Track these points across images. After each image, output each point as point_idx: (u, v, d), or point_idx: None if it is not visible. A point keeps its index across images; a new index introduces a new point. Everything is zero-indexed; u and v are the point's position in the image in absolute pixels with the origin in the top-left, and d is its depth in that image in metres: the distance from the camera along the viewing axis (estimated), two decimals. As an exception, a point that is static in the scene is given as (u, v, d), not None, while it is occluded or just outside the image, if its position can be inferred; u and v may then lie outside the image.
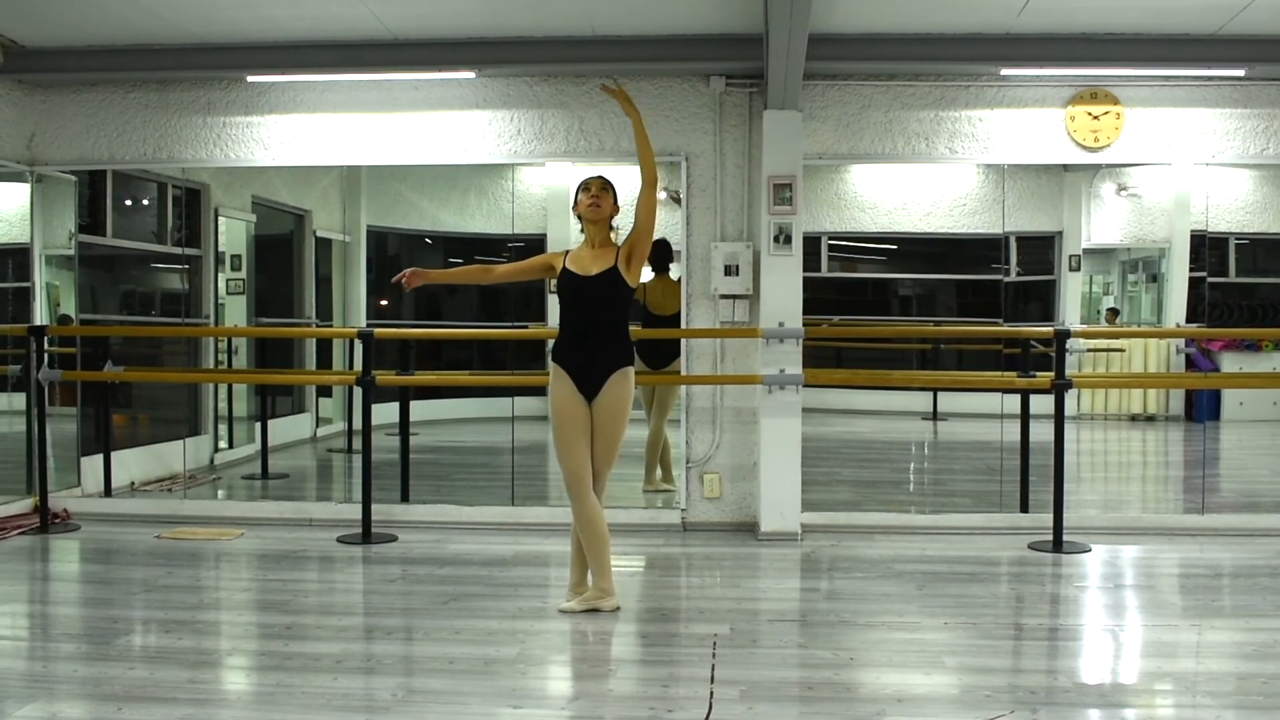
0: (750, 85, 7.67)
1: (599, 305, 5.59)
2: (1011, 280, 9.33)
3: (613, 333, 5.60)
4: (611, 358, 5.55)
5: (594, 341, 5.57)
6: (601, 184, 5.72)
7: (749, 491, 7.70)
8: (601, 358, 5.55)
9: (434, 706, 4.33)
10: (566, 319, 5.66)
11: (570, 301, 5.64)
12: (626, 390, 5.57)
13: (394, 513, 7.69)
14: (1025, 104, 7.71)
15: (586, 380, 5.55)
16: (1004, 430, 8.09)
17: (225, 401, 10.15)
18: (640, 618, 5.71)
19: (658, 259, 8.33)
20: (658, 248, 8.36)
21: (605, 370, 5.54)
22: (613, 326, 5.61)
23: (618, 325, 5.63)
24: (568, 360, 5.59)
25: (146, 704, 4.31)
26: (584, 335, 5.59)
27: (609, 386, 5.53)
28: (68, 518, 7.90)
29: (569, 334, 5.64)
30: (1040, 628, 5.45)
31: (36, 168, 8.18)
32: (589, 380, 5.55)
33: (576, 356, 5.58)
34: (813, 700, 4.38)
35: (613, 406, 5.55)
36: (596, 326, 5.59)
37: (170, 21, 7.34)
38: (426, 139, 7.94)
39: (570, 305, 5.64)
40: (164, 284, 10.22)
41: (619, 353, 5.58)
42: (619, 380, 5.55)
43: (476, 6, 7.16)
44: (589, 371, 5.55)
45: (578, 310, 5.63)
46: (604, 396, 5.54)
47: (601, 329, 5.59)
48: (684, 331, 7.79)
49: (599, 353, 5.55)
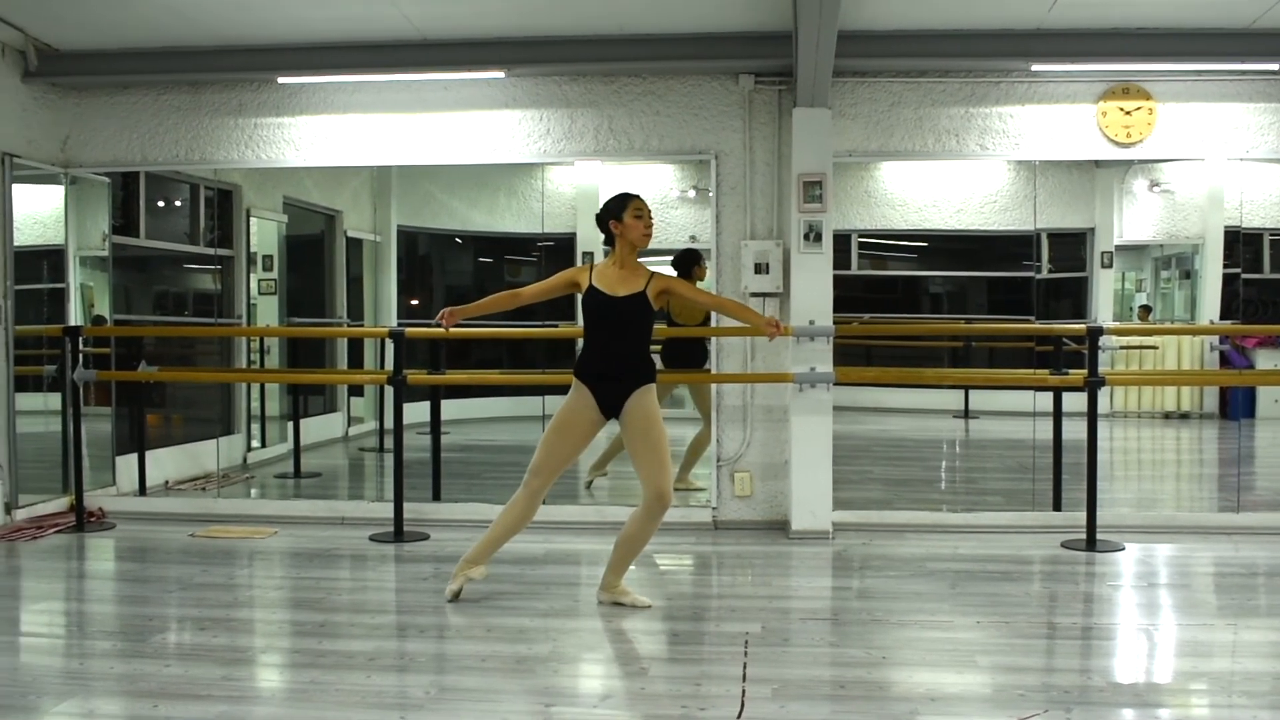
0: (779, 83, 7.66)
1: (626, 326, 5.61)
2: (1043, 277, 9.28)
3: (637, 352, 5.63)
4: (634, 376, 5.57)
5: (618, 360, 5.59)
6: (650, 210, 5.72)
7: (780, 490, 7.69)
8: (625, 376, 5.57)
9: (466, 704, 4.34)
10: (593, 337, 5.68)
11: (597, 321, 5.65)
12: (651, 401, 5.58)
13: (426, 511, 7.71)
14: (1056, 100, 7.66)
15: (609, 398, 5.57)
16: (1036, 428, 8.04)
17: (258, 401, 10.22)
18: (672, 616, 5.71)
19: (684, 268, 8.35)
20: (683, 256, 8.41)
21: (628, 388, 5.56)
22: (636, 346, 5.64)
23: (642, 345, 5.66)
24: (591, 377, 5.62)
25: (182, 701, 4.34)
26: (610, 354, 5.61)
27: (634, 402, 5.54)
28: (103, 516, 7.97)
29: (594, 351, 5.65)
30: (1074, 627, 5.42)
31: (71, 170, 8.25)
32: (611, 398, 5.57)
33: (600, 374, 5.60)
34: (845, 699, 4.37)
35: (641, 419, 5.54)
36: (622, 346, 5.61)
37: (201, 24, 7.39)
38: (456, 139, 7.97)
39: (597, 324, 5.65)
40: (196, 284, 10.29)
41: (641, 371, 5.59)
42: (642, 395, 5.55)
43: (505, 6, 7.18)
44: (611, 389, 5.57)
45: (606, 330, 5.64)
46: (630, 414, 5.55)
47: (627, 348, 5.61)
48: (714, 330, 7.78)
49: (623, 371, 5.58)
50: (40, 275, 8.21)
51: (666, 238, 9.96)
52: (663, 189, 10.17)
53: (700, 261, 8.34)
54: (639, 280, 5.61)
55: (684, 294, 5.86)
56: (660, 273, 5.72)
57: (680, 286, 5.81)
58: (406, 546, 7.17)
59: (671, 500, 5.59)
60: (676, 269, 8.25)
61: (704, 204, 8.89)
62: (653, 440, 5.54)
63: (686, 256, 8.37)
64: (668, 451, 5.59)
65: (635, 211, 5.65)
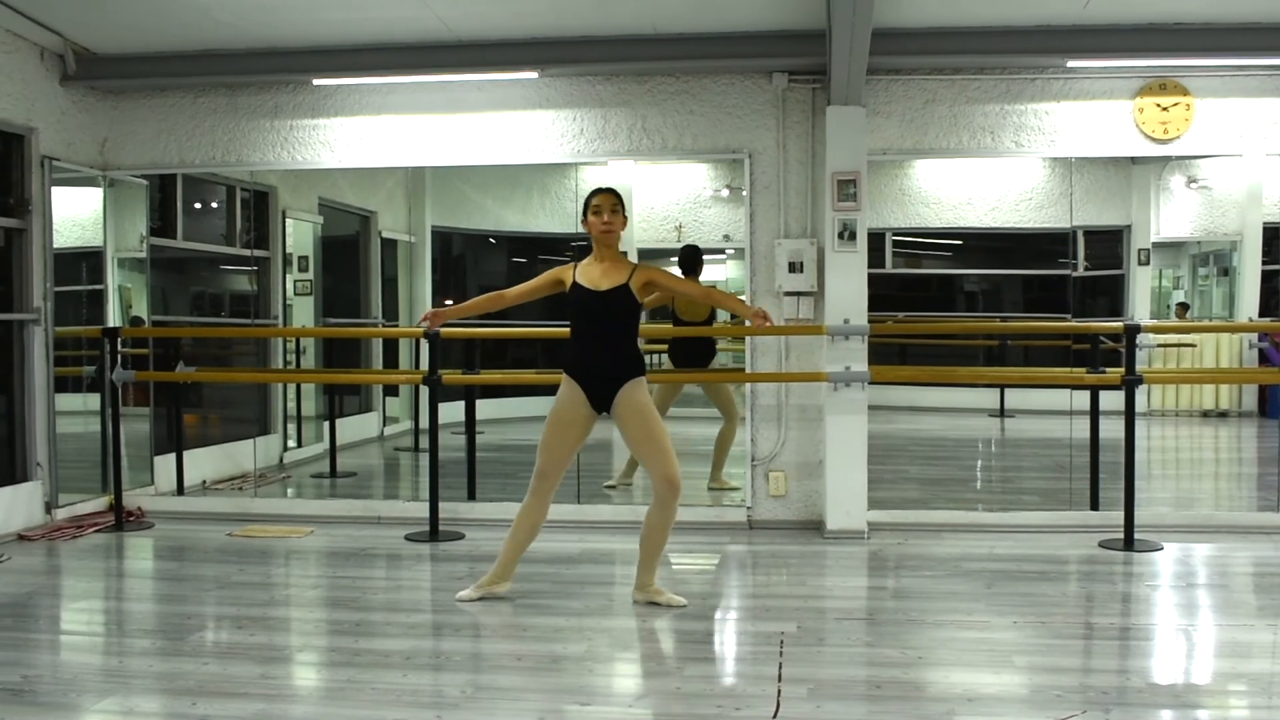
0: (813, 81, 7.64)
1: (610, 320, 5.60)
2: (1079, 275, 9.22)
3: (623, 346, 5.61)
4: (622, 370, 5.56)
5: (605, 355, 5.59)
6: (612, 204, 5.66)
7: (815, 489, 7.68)
8: (613, 370, 5.56)
9: (502, 703, 4.36)
10: (578, 332, 5.68)
11: (583, 316, 5.65)
12: (641, 394, 5.56)
13: (460, 511, 7.73)
14: (1092, 96, 7.61)
15: (598, 393, 5.57)
16: (1073, 427, 7.99)
17: (294, 401, 10.28)
18: (707, 615, 5.71)
19: (687, 265, 8.39)
20: (687, 254, 8.45)
21: (617, 383, 5.55)
22: (622, 340, 5.61)
23: (628, 339, 5.63)
24: (580, 373, 5.62)
25: (220, 699, 4.37)
26: (596, 349, 5.61)
27: (624, 396, 5.53)
28: (142, 516, 8.03)
29: (581, 347, 5.66)
30: (1111, 627, 5.38)
31: (109, 172, 8.32)
32: (600, 393, 5.57)
33: (588, 369, 5.60)
34: (881, 699, 4.36)
35: (634, 412, 5.54)
36: (608, 340, 5.60)
37: (237, 27, 7.44)
38: (490, 139, 7.99)
39: (583, 320, 5.65)
40: (233, 285, 10.36)
41: (629, 365, 5.58)
42: (631, 389, 5.54)
43: (538, 7, 7.19)
44: (600, 384, 5.56)
45: (589, 324, 5.64)
46: (622, 407, 5.54)
47: (613, 342, 5.60)
48: (748, 329, 7.77)
49: (610, 366, 5.57)
50: (79, 277, 8.29)
51: (700, 237, 9.98)
52: (696, 188, 10.18)
53: (702, 259, 8.44)
54: (622, 274, 5.60)
55: (668, 285, 5.84)
56: (644, 265, 5.71)
57: (664, 277, 5.79)
58: (442, 546, 7.20)
59: (681, 485, 5.56)
60: (682, 267, 8.30)
61: (737, 203, 8.88)
62: (649, 430, 5.54)
63: (691, 255, 8.42)
64: (667, 438, 5.59)
65: (594, 209, 5.65)
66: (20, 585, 6.26)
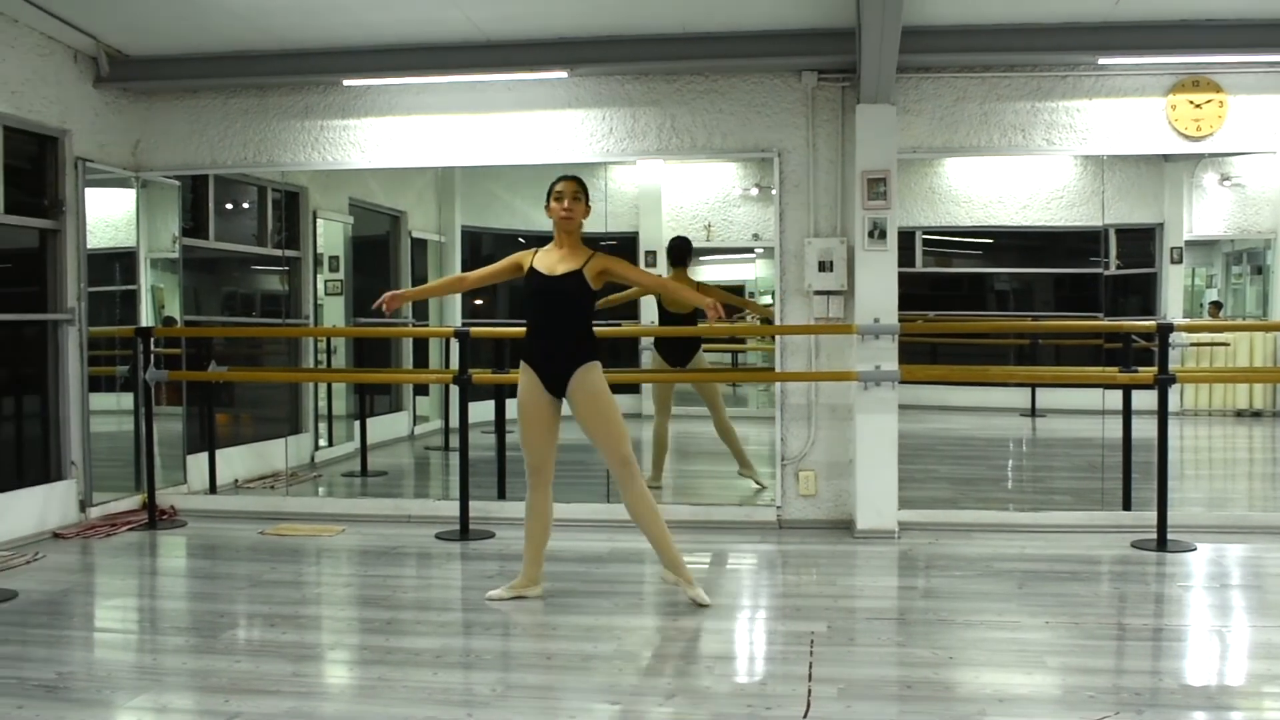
0: (843, 79, 7.62)
1: (561, 304, 5.63)
2: (1111, 273, 9.16)
3: (575, 331, 5.65)
4: (574, 355, 5.60)
5: (557, 340, 5.63)
6: (574, 192, 5.71)
7: (845, 489, 7.66)
8: (565, 356, 5.60)
9: (532, 702, 4.37)
10: (532, 318, 5.73)
11: (535, 301, 5.70)
12: (594, 379, 5.60)
13: (491, 510, 7.74)
14: (1124, 93, 7.56)
15: (552, 378, 5.62)
16: (1105, 426, 7.94)
17: (325, 400, 10.33)
18: (737, 615, 5.70)
19: (676, 256, 8.42)
20: (676, 245, 8.49)
21: (569, 367, 5.59)
22: (575, 325, 5.65)
23: (580, 324, 5.66)
24: (533, 358, 5.67)
25: (252, 696, 4.40)
26: (547, 334, 5.66)
27: (577, 380, 5.58)
28: (174, 514, 8.09)
29: (533, 332, 5.71)
30: (1144, 628, 5.35)
31: (142, 173, 8.38)
32: (554, 378, 5.62)
33: (541, 355, 5.65)
34: (912, 699, 4.34)
35: (587, 395, 5.59)
36: (558, 325, 5.65)
37: (268, 28, 7.48)
38: (519, 139, 8.00)
39: (536, 305, 5.70)
40: (264, 285, 10.41)
41: (581, 350, 5.62)
42: (584, 373, 5.58)
43: (568, 7, 7.21)
44: (553, 369, 5.61)
45: (540, 309, 5.69)
46: (574, 391, 5.59)
47: (564, 327, 5.64)
48: (779, 328, 7.76)
49: (562, 351, 5.61)
50: (113, 277, 8.35)
51: (730, 236, 9.97)
52: (725, 187, 10.16)
53: (692, 250, 8.52)
54: (578, 260, 5.65)
55: (623, 274, 5.84)
56: (602, 254, 5.72)
57: (619, 266, 5.77)
58: (472, 544, 7.22)
59: (635, 462, 5.63)
60: (670, 257, 8.41)
61: (767, 202, 8.87)
62: (602, 411, 5.60)
63: (680, 246, 8.46)
64: (621, 421, 5.65)
65: (556, 195, 5.71)
66: (55, 583, 6.31)
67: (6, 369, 7.82)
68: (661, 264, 9.15)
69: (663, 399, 8.61)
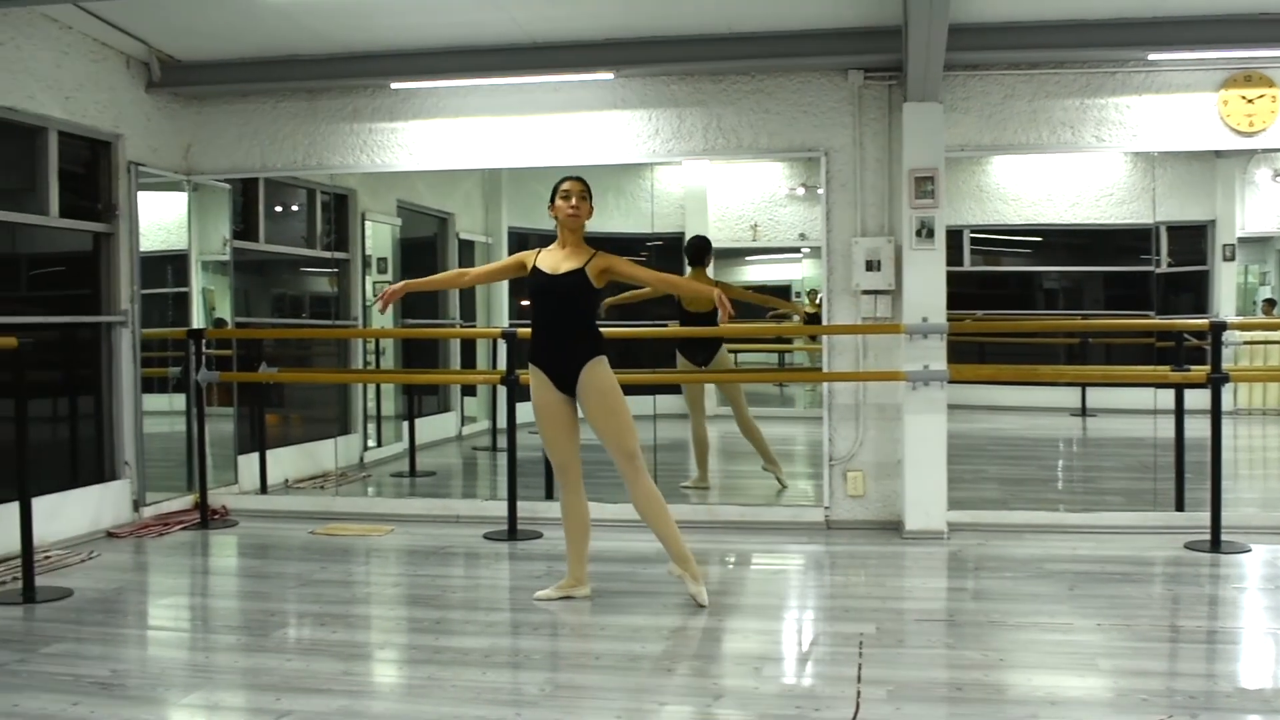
0: (889, 78, 7.58)
1: (564, 303, 5.66)
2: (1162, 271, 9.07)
3: (580, 329, 5.67)
4: (581, 352, 5.62)
5: (562, 338, 5.66)
6: (580, 191, 5.74)
7: (893, 489, 7.62)
8: (571, 353, 5.62)
9: (580, 702, 4.37)
10: (536, 317, 5.78)
11: (539, 300, 5.74)
12: (602, 373, 5.62)
13: (538, 510, 7.75)
14: (1175, 89, 7.47)
15: (560, 377, 5.65)
16: (1157, 426, 7.86)
17: (374, 401, 10.40)
18: (785, 616, 5.69)
19: (695, 255, 8.43)
20: (693, 244, 8.49)
21: (577, 365, 5.60)
22: (579, 323, 5.67)
23: (585, 322, 5.69)
24: (540, 358, 5.70)
25: (303, 695, 4.43)
26: (552, 333, 5.69)
27: (585, 376, 5.60)
28: (226, 514, 8.17)
29: (538, 332, 5.76)
30: (1198, 630, 5.29)
31: (193, 177, 8.47)
32: (563, 376, 5.64)
33: (548, 354, 5.68)
34: (962, 701, 4.31)
35: (595, 392, 5.61)
36: (562, 324, 5.67)
37: (318, 32, 7.54)
38: (566, 140, 8.02)
39: (539, 304, 5.74)
40: (314, 287, 10.50)
41: (587, 346, 5.63)
42: (592, 369, 5.60)
43: (613, 8, 7.22)
44: (561, 368, 5.64)
45: (544, 308, 5.73)
46: (583, 387, 5.61)
47: (568, 326, 5.66)
48: (826, 328, 7.73)
49: (568, 349, 5.63)
50: (165, 280, 8.44)
51: (776, 236, 9.96)
52: (772, 187, 10.15)
53: (711, 249, 8.56)
54: (580, 259, 5.66)
55: (626, 272, 5.81)
56: (605, 253, 5.72)
57: (622, 265, 5.76)
58: (520, 545, 7.24)
59: (640, 457, 5.64)
60: (688, 256, 8.41)
61: (813, 201, 8.85)
62: (610, 407, 5.61)
63: (698, 245, 8.46)
64: (628, 415, 5.66)
65: (563, 194, 5.72)
66: (109, 581, 6.39)
67: (62, 371, 7.91)
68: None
69: (694, 399, 8.62)
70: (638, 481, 5.64)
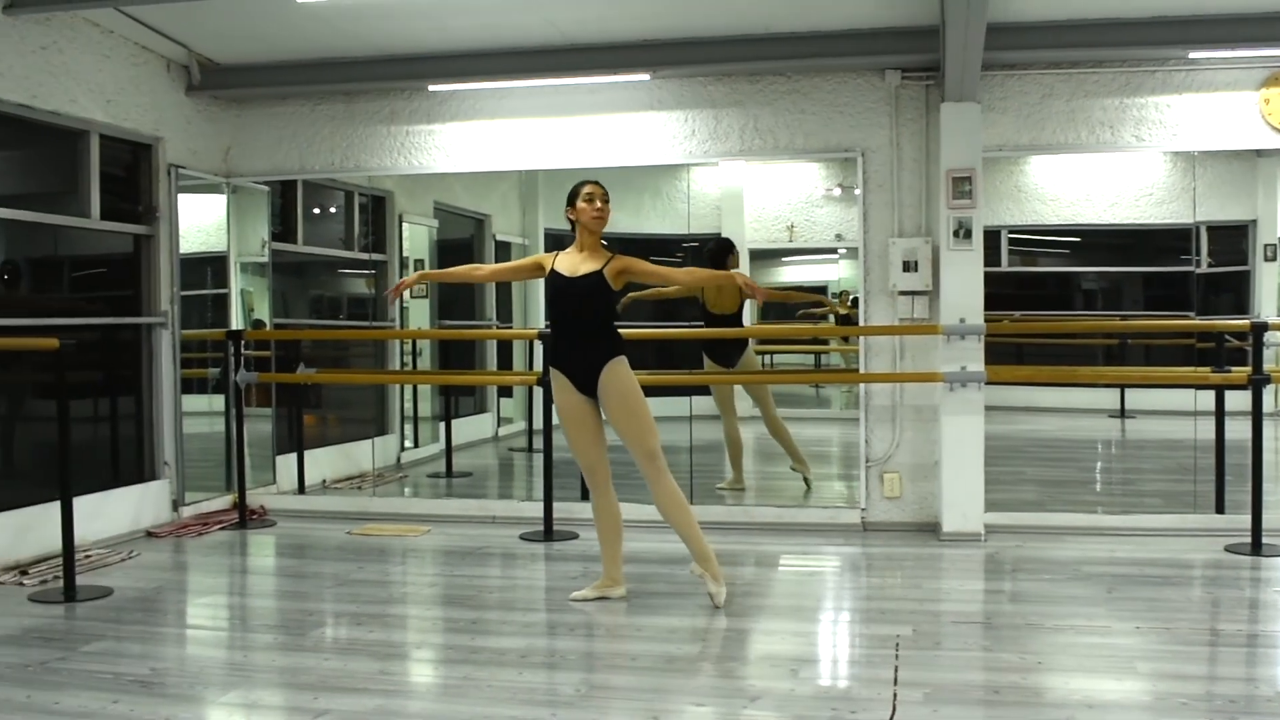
0: (927, 78, 7.55)
1: (583, 305, 5.68)
2: (1202, 272, 8.98)
3: (599, 330, 5.69)
4: (600, 353, 5.64)
5: (582, 340, 5.68)
6: (603, 194, 5.77)
7: (930, 491, 7.58)
8: (591, 355, 5.65)
9: (616, 702, 4.38)
10: (554, 319, 5.82)
11: (558, 302, 5.77)
12: (622, 373, 5.65)
13: (574, 511, 7.75)
14: (1216, 88, 7.40)
15: (581, 379, 5.67)
16: (1197, 428, 7.78)
17: (411, 402, 10.44)
18: (821, 618, 5.68)
19: (716, 257, 8.39)
20: (716, 246, 8.47)
21: (597, 366, 5.63)
22: (598, 324, 5.69)
23: (604, 323, 5.71)
24: (561, 361, 5.73)
25: (340, 694, 4.46)
26: (572, 335, 5.72)
27: (606, 377, 5.62)
28: (264, 514, 8.22)
29: (558, 334, 5.79)
30: (1238, 634, 5.24)
31: (232, 179, 8.54)
32: (583, 378, 5.66)
33: (568, 356, 5.71)
34: (999, 704, 4.29)
35: (616, 393, 5.63)
36: (582, 326, 5.70)
37: (355, 35, 7.58)
38: (602, 141, 8.03)
39: (558, 306, 5.78)
40: (351, 289, 10.55)
41: (607, 347, 5.66)
42: (612, 369, 5.63)
43: (649, 9, 7.22)
44: (582, 369, 5.66)
45: (563, 310, 5.76)
46: (604, 388, 5.63)
47: (587, 327, 5.69)
48: (863, 329, 7.71)
49: (588, 351, 5.66)
50: (204, 281, 8.51)
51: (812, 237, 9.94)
52: (808, 188, 10.12)
53: (733, 251, 8.49)
54: (598, 261, 5.69)
55: (645, 271, 5.82)
56: (622, 255, 5.75)
57: (639, 264, 5.78)
58: (556, 545, 7.26)
59: (661, 456, 5.65)
60: (711, 260, 8.36)
61: (850, 202, 8.83)
62: (630, 408, 5.63)
63: (720, 246, 8.46)
64: (649, 414, 5.67)
65: (586, 196, 5.74)
66: (149, 580, 6.44)
67: (102, 371, 7.99)
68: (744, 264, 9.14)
69: (724, 401, 8.61)
70: (659, 481, 5.66)
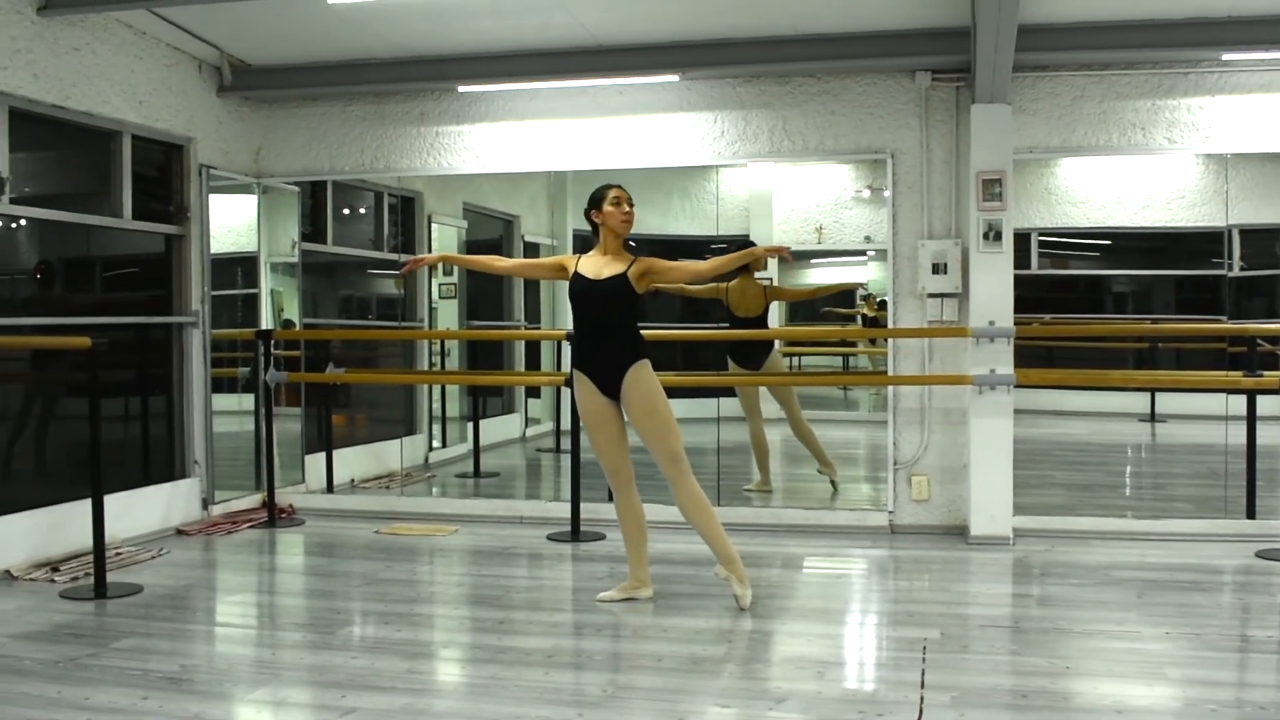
0: (957, 79, 7.53)
1: (608, 308, 5.70)
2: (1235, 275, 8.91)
3: (623, 333, 5.71)
4: (624, 356, 5.66)
5: (606, 343, 5.71)
6: (629, 198, 5.80)
7: (958, 494, 7.56)
8: (615, 358, 5.67)
9: (642, 703, 4.38)
10: (579, 322, 5.82)
11: (582, 305, 5.78)
12: (645, 377, 5.66)
13: (601, 511, 7.73)
14: (1249, 89, 7.35)
15: (605, 381, 5.69)
16: (1228, 432, 7.73)
17: (439, 402, 10.47)
18: (848, 620, 5.66)
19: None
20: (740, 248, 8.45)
21: (620, 369, 5.65)
22: (623, 328, 5.71)
23: (628, 326, 5.72)
24: (585, 363, 5.75)
25: (368, 692, 4.47)
26: (596, 338, 5.74)
27: (629, 380, 5.63)
28: (293, 513, 8.26)
29: (582, 337, 5.80)
30: (1269, 640, 5.20)
31: (263, 180, 8.58)
32: (607, 381, 5.68)
33: (592, 359, 5.73)
34: (1026, 709, 4.27)
35: (639, 395, 5.65)
36: (606, 329, 5.72)
37: (385, 36, 7.61)
38: (631, 142, 8.04)
39: (582, 309, 5.78)
40: (380, 289, 10.59)
41: (630, 350, 5.68)
42: (635, 373, 5.64)
43: (679, 9, 7.22)
44: (605, 372, 5.68)
45: (587, 313, 5.77)
46: (628, 391, 5.65)
47: (611, 331, 5.71)
48: (892, 331, 7.69)
49: (612, 353, 5.68)
50: (234, 281, 8.56)
51: (841, 239, 9.90)
52: (837, 189, 10.09)
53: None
54: (621, 264, 5.71)
55: (667, 269, 5.83)
56: (644, 257, 5.76)
57: (661, 264, 5.78)
58: (583, 546, 7.27)
59: (685, 459, 5.67)
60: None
61: (879, 204, 8.79)
62: (654, 409, 5.65)
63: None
64: (672, 417, 5.68)
65: (614, 200, 5.76)
66: (178, 578, 6.49)
67: (134, 370, 8.04)
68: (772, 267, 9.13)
69: (750, 403, 8.60)
70: (682, 483, 5.66)
